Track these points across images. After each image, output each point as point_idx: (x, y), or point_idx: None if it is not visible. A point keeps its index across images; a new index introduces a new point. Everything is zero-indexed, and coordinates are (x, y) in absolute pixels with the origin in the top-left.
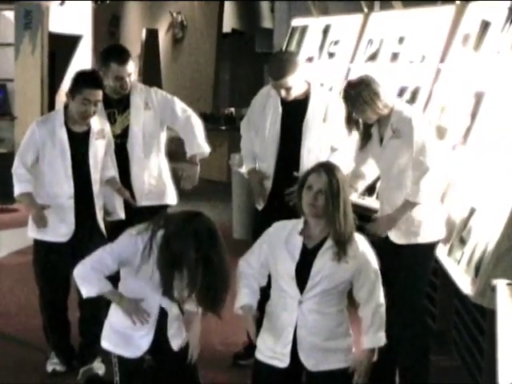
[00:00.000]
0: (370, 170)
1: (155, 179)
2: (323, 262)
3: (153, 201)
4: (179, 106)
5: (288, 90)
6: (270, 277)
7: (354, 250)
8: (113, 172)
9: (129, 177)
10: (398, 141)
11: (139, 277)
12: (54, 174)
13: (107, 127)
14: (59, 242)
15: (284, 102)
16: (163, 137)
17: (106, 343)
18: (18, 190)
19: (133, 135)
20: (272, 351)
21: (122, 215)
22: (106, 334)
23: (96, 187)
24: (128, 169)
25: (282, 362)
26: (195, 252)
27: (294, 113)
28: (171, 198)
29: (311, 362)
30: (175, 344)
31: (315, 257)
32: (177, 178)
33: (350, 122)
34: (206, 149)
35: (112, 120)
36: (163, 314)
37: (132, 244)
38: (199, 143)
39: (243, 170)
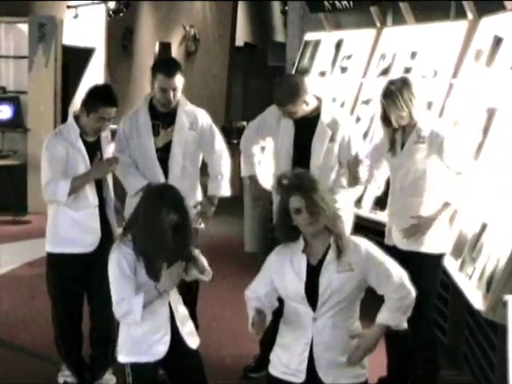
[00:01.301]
0: (380, 176)
1: (190, 199)
2: (329, 277)
3: None
4: (219, 139)
5: (292, 114)
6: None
7: (356, 255)
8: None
9: None
10: (422, 146)
11: (143, 284)
12: None
13: (109, 135)
14: (84, 253)
15: (296, 120)
16: (200, 157)
17: (123, 357)
18: (64, 191)
19: (174, 153)
20: (286, 367)
21: None
22: (122, 347)
23: (109, 195)
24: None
25: (298, 377)
26: (168, 212)
27: (305, 130)
28: None
29: (330, 378)
30: (191, 342)
31: (320, 272)
32: (204, 191)
33: (386, 120)
34: (227, 192)
35: (155, 132)
36: (173, 316)
37: (122, 257)
38: (222, 186)
39: (242, 174)
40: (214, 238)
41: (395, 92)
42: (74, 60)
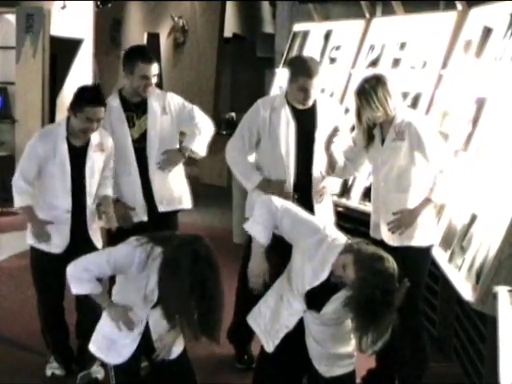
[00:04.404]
0: (365, 168)
1: (174, 185)
2: (334, 307)
3: (172, 206)
4: (198, 112)
5: (315, 89)
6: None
7: None
8: (109, 191)
9: (149, 183)
10: (401, 143)
11: (133, 286)
12: (53, 187)
13: (109, 142)
14: (53, 252)
15: (295, 113)
16: (177, 141)
17: (92, 346)
18: (18, 202)
19: (150, 140)
20: (265, 329)
21: (144, 217)
22: (94, 338)
23: (90, 200)
24: (147, 174)
25: (268, 347)
26: (191, 274)
27: (306, 122)
28: (187, 202)
29: (323, 369)
30: (168, 354)
31: (331, 293)
32: (192, 182)
33: (360, 117)
34: (201, 150)
35: (131, 124)
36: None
37: (130, 254)
38: (197, 141)
39: (249, 187)
40: (202, 229)
41: (369, 91)
42: (62, 51)
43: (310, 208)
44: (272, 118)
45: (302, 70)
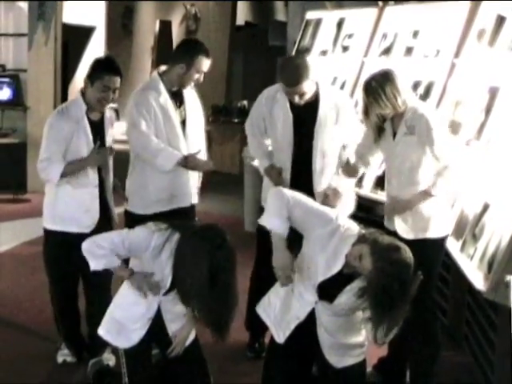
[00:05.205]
0: (375, 162)
1: (193, 179)
2: (347, 298)
3: (195, 200)
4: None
5: (302, 95)
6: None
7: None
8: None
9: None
10: (412, 137)
11: (146, 271)
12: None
13: (114, 117)
14: (82, 232)
15: (293, 107)
16: None
17: (101, 330)
18: (57, 172)
19: (187, 130)
20: (276, 320)
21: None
22: (104, 321)
23: (111, 174)
24: None
25: (278, 338)
26: (209, 262)
27: (305, 116)
28: (195, 197)
29: (334, 359)
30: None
31: (344, 284)
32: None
33: (368, 114)
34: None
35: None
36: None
37: (147, 238)
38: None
39: (256, 164)
40: (213, 216)
41: (377, 89)
42: (74, 38)
43: None
44: (273, 111)
45: (282, 78)
